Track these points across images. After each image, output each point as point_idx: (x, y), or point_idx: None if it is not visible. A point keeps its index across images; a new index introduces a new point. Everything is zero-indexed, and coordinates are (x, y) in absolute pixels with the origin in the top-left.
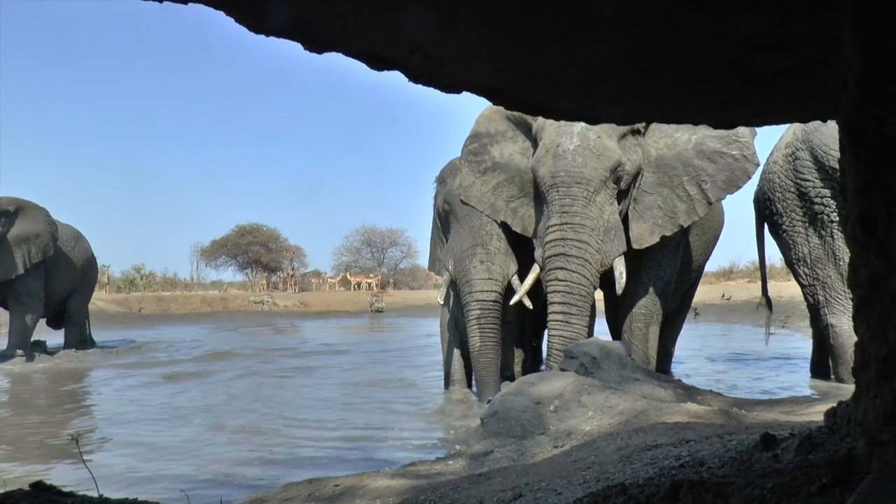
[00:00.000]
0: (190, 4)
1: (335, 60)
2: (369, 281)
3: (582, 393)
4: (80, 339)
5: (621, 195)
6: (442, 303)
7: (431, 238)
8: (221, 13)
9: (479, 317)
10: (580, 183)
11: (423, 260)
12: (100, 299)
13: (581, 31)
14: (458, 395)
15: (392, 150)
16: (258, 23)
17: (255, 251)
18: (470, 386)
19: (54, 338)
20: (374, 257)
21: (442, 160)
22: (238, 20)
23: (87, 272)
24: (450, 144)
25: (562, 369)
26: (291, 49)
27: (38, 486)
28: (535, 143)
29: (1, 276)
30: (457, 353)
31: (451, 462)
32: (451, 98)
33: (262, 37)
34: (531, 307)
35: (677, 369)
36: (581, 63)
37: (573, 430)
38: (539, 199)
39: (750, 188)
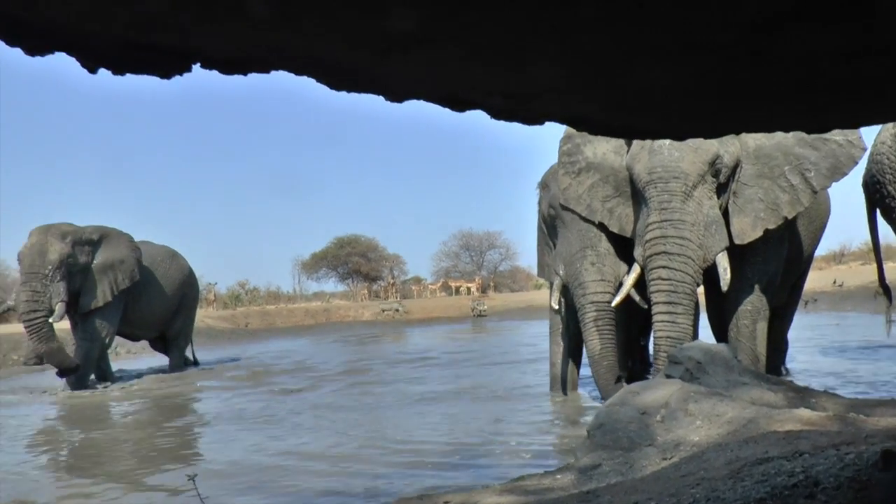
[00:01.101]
0: None
1: None
2: (469, 285)
3: (688, 401)
4: (182, 361)
5: (720, 189)
6: (556, 307)
7: (538, 244)
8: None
9: (596, 318)
10: (678, 178)
11: (523, 261)
12: (208, 316)
13: (663, 57)
14: (565, 400)
15: (485, 151)
16: (339, 83)
17: (355, 261)
18: (575, 389)
19: (150, 360)
20: (473, 261)
21: (537, 158)
22: (320, 81)
23: (185, 292)
24: (544, 143)
25: (666, 375)
26: None
27: None
28: (629, 141)
29: (90, 305)
30: (565, 356)
31: (559, 476)
32: None
33: None
34: (645, 306)
35: (790, 365)
36: (664, 86)
37: (681, 440)
38: (636, 197)
39: (857, 171)
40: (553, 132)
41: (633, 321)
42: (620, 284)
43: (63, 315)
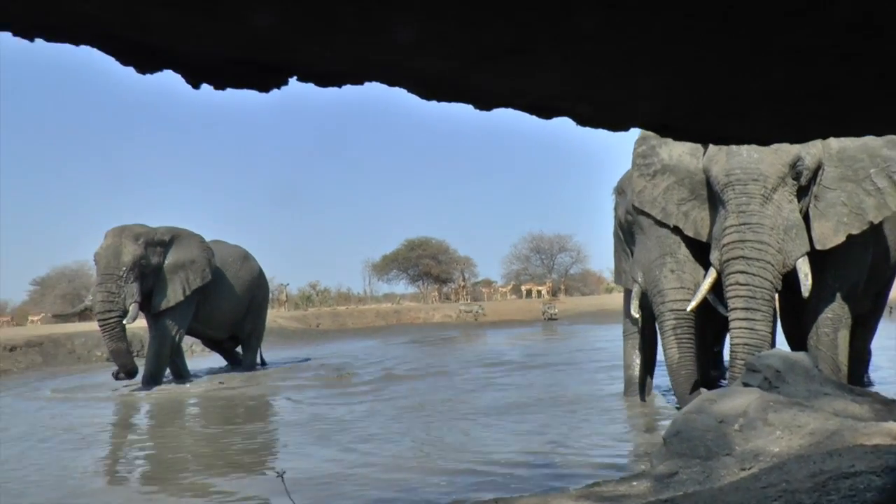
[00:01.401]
0: None
1: None
2: (540, 288)
3: (767, 410)
4: (254, 360)
5: (801, 192)
6: (634, 314)
7: (615, 251)
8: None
9: (675, 327)
10: (757, 180)
11: (594, 265)
12: (279, 317)
13: (751, 64)
14: (640, 406)
15: (556, 154)
16: (430, 93)
17: (426, 264)
18: (649, 395)
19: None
20: (544, 264)
21: (609, 160)
22: (411, 91)
23: (255, 293)
24: (618, 145)
25: (744, 384)
26: None
27: None
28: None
29: (162, 305)
30: (640, 362)
31: (635, 483)
32: None
33: None
34: (724, 312)
35: (873, 375)
36: (751, 92)
37: (760, 451)
38: (712, 200)
39: None
40: (629, 135)
41: (707, 327)
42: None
43: (136, 316)
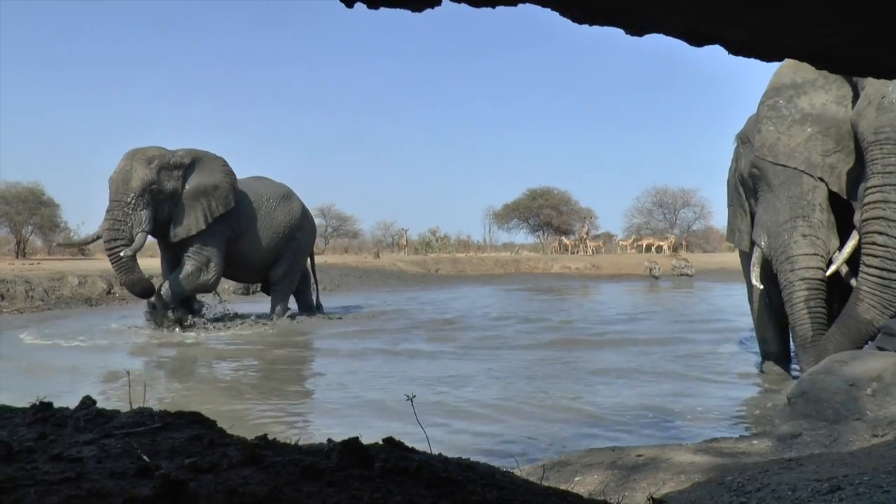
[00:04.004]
0: None
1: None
2: (661, 243)
3: None
4: (284, 308)
5: None
6: (757, 284)
7: (730, 204)
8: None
9: (808, 299)
10: None
11: (717, 221)
12: (400, 260)
13: None
14: (773, 371)
15: (682, 105)
16: (582, 15)
17: (547, 214)
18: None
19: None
20: (666, 219)
21: (738, 112)
22: (563, 13)
23: (294, 235)
24: (744, 96)
25: (878, 347)
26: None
27: (390, 441)
28: (854, 90)
29: (182, 233)
30: (774, 330)
31: (755, 442)
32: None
33: None
34: (853, 282)
35: None
36: None
37: (895, 418)
38: (860, 154)
39: None
40: (754, 80)
41: (833, 294)
42: (831, 260)
43: (141, 246)
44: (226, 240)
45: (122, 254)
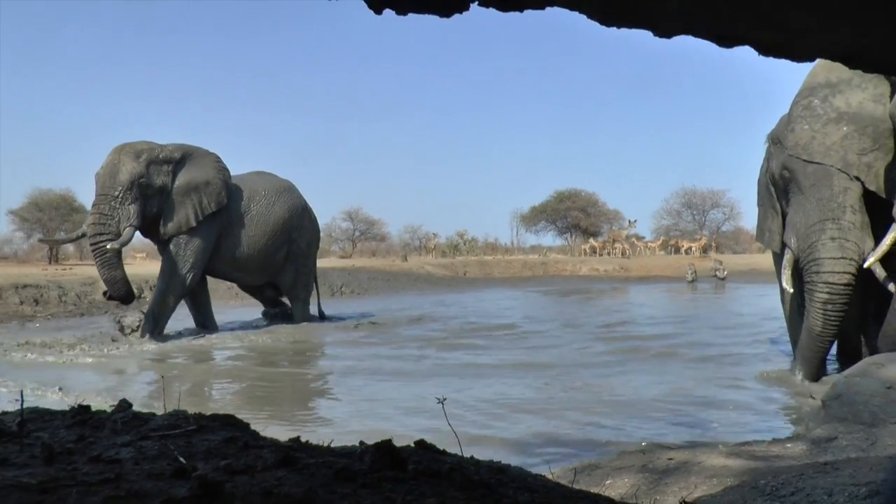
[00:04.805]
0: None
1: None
2: (691, 245)
3: None
4: (305, 314)
5: None
6: (787, 287)
7: (760, 205)
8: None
9: (827, 301)
10: None
11: (747, 222)
12: (428, 263)
13: None
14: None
15: (712, 105)
16: (609, 17)
17: (574, 216)
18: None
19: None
20: (695, 220)
21: (767, 113)
22: (590, 16)
23: (294, 236)
24: (776, 96)
25: None
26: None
27: (422, 444)
28: (893, 88)
29: (172, 230)
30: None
31: (789, 445)
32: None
33: None
34: (883, 277)
35: None
36: None
37: None
38: None
39: None
40: (790, 84)
41: (869, 296)
42: (862, 262)
43: (128, 240)
44: (214, 237)
45: (108, 246)
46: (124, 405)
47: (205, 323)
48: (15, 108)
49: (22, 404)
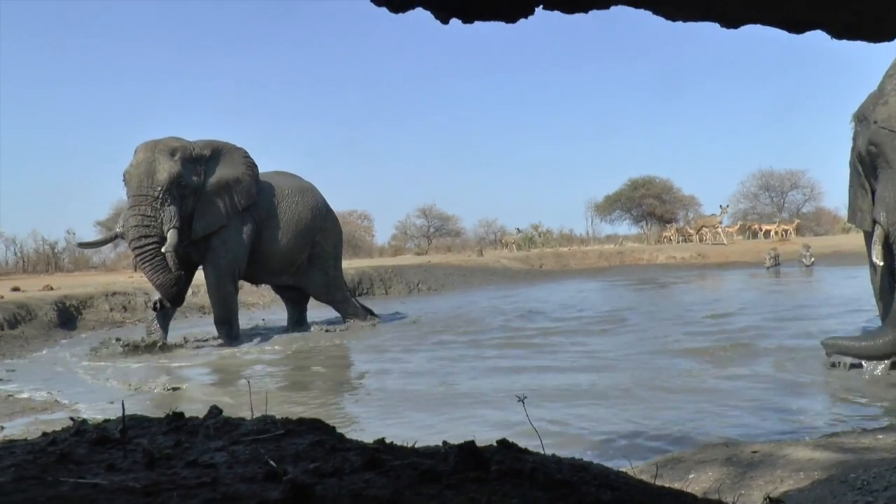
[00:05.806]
0: None
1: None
2: (769, 228)
3: None
4: (353, 309)
5: None
6: (878, 262)
7: (850, 185)
8: None
9: None
10: None
11: (828, 202)
12: (503, 257)
13: None
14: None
15: (785, 83)
16: (677, 12)
17: (649, 204)
18: None
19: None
20: (774, 202)
21: (844, 88)
22: (657, 12)
23: (314, 237)
24: (853, 69)
25: None
26: None
27: (504, 443)
28: None
29: (205, 229)
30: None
31: (881, 436)
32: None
33: None
34: None
35: None
36: None
37: None
38: None
39: None
40: (872, 63)
41: None
42: None
43: (175, 243)
44: (251, 230)
45: (163, 250)
46: (214, 411)
47: (299, 320)
48: (102, 120)
49: (123, 412)
